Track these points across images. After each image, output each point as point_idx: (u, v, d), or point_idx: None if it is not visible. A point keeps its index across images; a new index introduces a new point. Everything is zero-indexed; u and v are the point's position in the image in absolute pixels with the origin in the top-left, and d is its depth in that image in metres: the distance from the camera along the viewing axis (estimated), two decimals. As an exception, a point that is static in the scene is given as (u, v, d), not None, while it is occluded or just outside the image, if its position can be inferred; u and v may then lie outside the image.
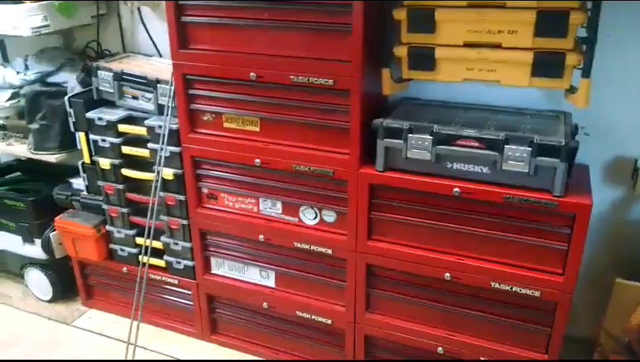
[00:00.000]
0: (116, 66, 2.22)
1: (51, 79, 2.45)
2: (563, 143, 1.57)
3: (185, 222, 2.22)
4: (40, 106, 2.37)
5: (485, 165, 1.69)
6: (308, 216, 2.01)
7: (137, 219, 2.35)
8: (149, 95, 2.15)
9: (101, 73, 2.21)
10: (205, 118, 2.04)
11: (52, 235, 2.53)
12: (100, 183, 2.32)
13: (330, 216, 1.98)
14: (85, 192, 2.45)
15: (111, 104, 2.26)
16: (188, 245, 2.26)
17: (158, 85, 2.10)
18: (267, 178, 2.02)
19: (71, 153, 2.44)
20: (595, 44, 1.55)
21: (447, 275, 1.83)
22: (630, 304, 1.84)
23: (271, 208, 2.07)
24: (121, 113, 2.21)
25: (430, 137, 1.70)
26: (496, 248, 1.77)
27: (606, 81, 1.80)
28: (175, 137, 2.09)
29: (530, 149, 1.60)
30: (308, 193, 1.97)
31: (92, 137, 2.26)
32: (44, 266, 2.65)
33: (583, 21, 1.54)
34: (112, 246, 2.45)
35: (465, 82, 1.73)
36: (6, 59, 2.79)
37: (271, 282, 2.19)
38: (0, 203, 2.58)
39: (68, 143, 2.40)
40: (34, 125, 2.40)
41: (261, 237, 2.09)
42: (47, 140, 2.42)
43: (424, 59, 1.73)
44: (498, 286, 1.77)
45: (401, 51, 1.75)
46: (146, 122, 2.14)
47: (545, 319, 1.78)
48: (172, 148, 2.10)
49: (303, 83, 1.80)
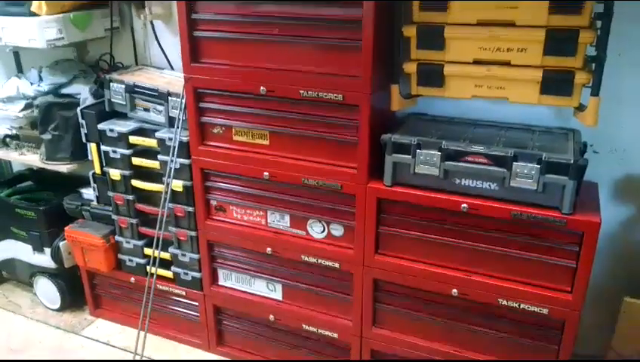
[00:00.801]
0: (128, 79, 2.25)
1: (64, 90, 2.48)
2: (572, 161, 1.57)
3: (193, 234, 2.23)
4: (53, 117, 2.40)
5: (493, 181, 1.69)
6: (316, 230, 2.02)
7: (146, 230, 2.36)
8: (160, 107, 2.17)
9: (113, 85, 2.24)
10: (215, 131, 2.06)
11: (62, 245, 2.56)
12: (110, 194, 2.35)
13: (337, 230, 1.98)
14: (95, 202, 2.48)
15: (122, 116, 2.29)
16: (196, 256, 2.27)
17: (170, 98, 2.13)
18: (275, 191, 2.03)
19: (82, 163, 2.47)
20: (604, 63, 1.56)
21: (454, 291, 1.82)
22: (639, 323, 1.82)
23: (279, 221, 2.08)
24: (132, 125, 2.24)
25: (438, 153, 1.71)
26: (504, 265, 1.77)
27: (616, 100, 1.80)
28: (185, 149, 2.11)
29: (538, 166, 1.60)
30: (316, 207, 1.98)
31: (103, 148, 2.28)
32: (53, 275, 2.67)
33: (593, 40, 1.55)
34: (121, 256, 2.46)
35: (473, 99, 1.74)
36: (21, 70, 2.83)
37: (278, 295, 2.19)
38: (11, 212, 2.61)
39: (79, 154, 2.43)
40: (46, 135, 2.43)
41: (269, 249, 2.09)
42: (58, 150, 2.45)
43: (433, 75, 1.74)
44: (506, 302, 1.77)
45: (410, 67, 1.77)
46: (157, 134, 2.16)
47: (553, 337, 1.77)
48: (182, 160, 2.12)
49: (313, 97, 1.81)
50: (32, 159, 2.57)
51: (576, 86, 1.60)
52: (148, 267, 2.33)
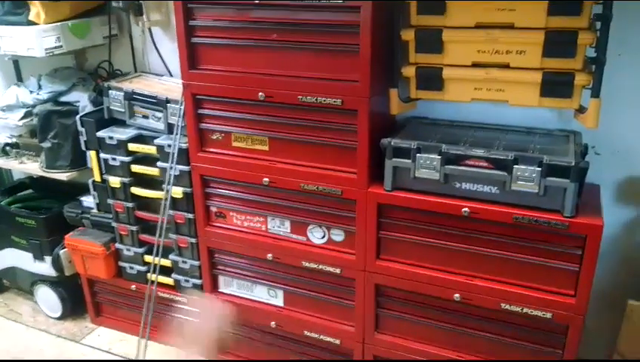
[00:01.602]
0: (127, 86, 2.25)
1: (63, 98, 2.48)
2: (573, 163, 1.56)
3: (193, 241, 2.22)
4: (52, 125, 2.40)
5: (494, 185, 1.68)
6: (316, 235, 2.01)
7: (146, 237, 2.35)
8: (159, 114, 2.17)
9: (112, 93, 2.24)
10: (214, 137, 2.05)
11: (62, 253, 2.55)
12: (110, 201, 2.34)
13: (338, 236, 1.97)
14: (95, 210, 2.47)
15: (121, 123, 2.29)
16: (196, 263, 2.26)
17: (168, 105, 2.12)
18: (276, 197, 2.02)
19: (82, 171, 2.47)
20: (605, 64, 1.54)
21: (456, 296, 1.81)
22: (644, 326, 1.81)
23: (279, 227, 2.06)
24: (131, 132, 2.24)
25: (439, 157, 1.70)
26: (506, 269, 1.75)
27: (617, 100, 1.78)
28: (184, 156, 2.10)
29: (539, 169, 1.59)
30: (316, 212, 1.97)
31: (103, 156, 2.28)
32: (53, 283, 2.66)
33: (592, 41, 1.54)
34: (121, 263, 2.45)
35: (473, 102, 1.73)
36: (20, 78, 2.83)
37: (279, 301, 2.18)
38: (12, 220, 2.61)
39: (79, 162, 2.43)
40: (46, 143, 2.43)
41: (269, 255, 2.08)
42: (58, 158, 2.44)
43: (432, 79, 1.74)
44: (509, 307, 1.75)
45: (409, 71, 1.76)
46: (156, 141, 2.15)
47: (557, 341, 1.75)
48: (181, 166, 2.11)
49: (312, 103, 1.80)
50: (32, 167, 2.57)
51: (576, 88, 1.59)
52: (148, 274, 2.33)
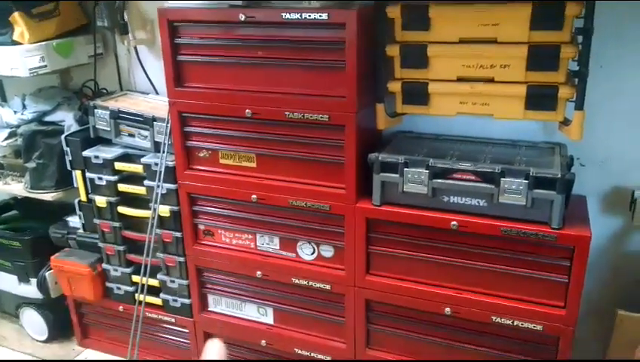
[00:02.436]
0: (113, 105, 2.24)
1: (48, 118, 2.46)
2: (559, 175, 1.57)
3: (181, 259, 2.20)
4: (37, 145, 2.38)
5: (482, 198, 1.68)
6: (305, 252, 2.00)
7: (134, 257, 2.33)
8: (146, 133, 2.16)
9: (98, 111, 2.23)
10: (201, 155, 2.04)
11: (48, 274, 2.51)
12: (96, 221, 2.31)
13: (327, 251, 1.96)
14: (81, 230, 2.44)
15: (107, 142, 2.27)
16: (185, 282, 2.24)
17: (155, 123, 2.11)
18: (264, 213, 2.01)
19: (67, 191, 2.44)
20: (587, 77, 1.56)
21: (447, 310, 1.80)
22: (633, 336, 1.81)
23: (268, 244, 2.05)
24: (117, 151, 2.22)
25: (426, 171, 1.70)
26: (496, 281, 1.75)
27: (600, 112, 1.80)
28: (171, 174, 2.09)
29: (526, 182, 1.60)
30: (305, 228, 1.96)
31: (88, 175, 2.26)
32: (39, 306, 2.62)
33: (575, 55, 1.56)
34: (108, 284, 2.42)
35: (458, 116, 1.74)
36: (4, 98, 2.81)
37: (269, 319, 2.16)
38: (-4, 242, 2.57)
39: (64, 182, 2.40)
40: (31, 164, 2.40)
41: (258, 273, 2.07)
42: (43, 179, 2.42)
43: (418, 94, 1.75)
44: (499, 320, 1.75)
45: (394, 86, 1.77)
46: (143, 160, 2.14)
47: (548, 353, 1.75)
48: (168, 185, 2.10)
49: (298, 119, 1.81)
50: (17, 188, 2.53)
51: (560, 100, 1.61)
52: (136, 294, 2.29)
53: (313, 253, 1.99)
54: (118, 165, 2.20)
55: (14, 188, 2.55)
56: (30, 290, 2.57)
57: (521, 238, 1.65)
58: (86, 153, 2.23)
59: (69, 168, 2.31)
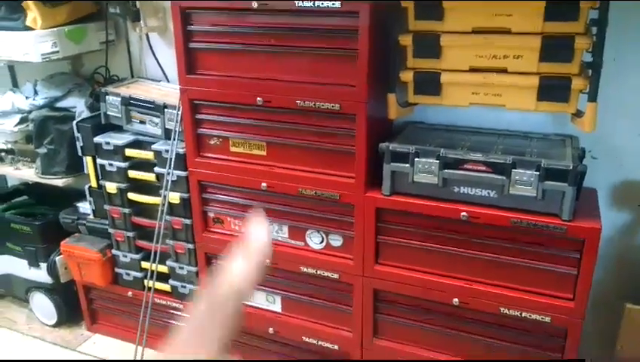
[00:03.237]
0: (124, 91, 2.24)
1: (60, 104, 2.47)
2: (571, 167, 1.56)
3: (191, 246, 2.21)
4: (48, 131, 2.39)
5: (492, 189, 1.68)
6: (314, 240, 2.01)
7: (143, 243, 2.34)
8: (157, 120, 2.17)
9: (109, 98, 2.24)
10: (212, 143, 2.05)
11: (58, 259, 2.53)
12: (107, 207, 2.33)
13: (336, 241, 1.97)
14: (91, 216, 2.46)
15: (118, 129, 2.28)
16: (194, 269, 2.25)
17: (166, 110, 2.12)
18: (273, 202, 2.01)
19: (78, 177, 2.45)
20: (601, 69, 1.56)
21: (455, 300, 1.81)
22: (642, 330, 1.81)
23: (277, 232, 2.06)
24: (128, 137, 2.23)
25: (437, 161, 1.70)
26: (505, 273, 1.75)
27: (612, 105, 1.79)
28: (182, 161, 2.10)
29: (537, 173, 1.59)
30: (314, 217, 1.97)
31: (99, 161, 2.27)
32: (49, 290, 2.64)
33: (589, 46, 1.55)
34: (118, 270, 2.44)
35: (471, 106, 1.74)
36: (16, 84, 2.82)
37: (277, 307, 2.17)
38: (6, 227, 2.59)
39: (75, 167, 2.42)
40: (42, 149, 2.42)
41: (267, 261, 2.07)
42: (54, 164, 2.43)
43: (430, 84, 1.74)
44: (507, 311, 1.75)
45: (406, 76, 1.76)
46: (153, 147, 2.15)
47: (556, 345, 1.75)
48: (179, 172, 2.11)
49: (310, 107, 1.81)
50: (28, 174, 2.55)
51: (573, 92, 1.60)
52: (145, 281, 2.31)
53: (322, 242, 1.99)
54: (129, 152, 2.21)
55: (25, 173, 2.57)
56: (40, 275, 2.59)
57: (531, 230, 1.64)
58: (97, 139, 2.24)
59: (80, 154, 2.33)
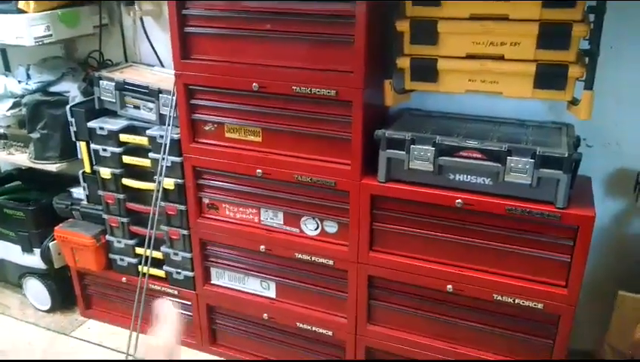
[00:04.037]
0: (118, 76, 2.22)
1: (53, 88, 2.44)
2: (566, 155, 1.57)
3: (185, 232, 2.21)
4: (41, 115, 2.37)
5: (488, 176, 1.68)
6: (309, 227, 2.01)
7: (137, 229, 2.33)
8: (151, 105, 2.15)
9: (103, 83, 2.21)
10: (207, 128, 2.04)
11: (51, 245, 2.52)
12: (101, 193, 2.32)
13: (331, 227, 1.97)
14: (85, 202, 2.45)
15: (112, 114, 2.26)
16: (188, 255, 2.25)
17: (160, 95, 2.10)
18: (268, 188, 2.01)
19: (71, 162, 2.44)
20: (598, 57, 1.56)
21: (449, 287, 1.82)
22: (633, 317, 1.83)
23: (272, 218, 2.06)
24: (122, 123, 2.21)
25: (432, 148, 1.70)
26: (498, 260, 1.76)
27: (609, 93, 1.80)
28: (176, 147, 2.08)
29: (532, 161, 1.60)
30: (309, 203, 1.97)
31: (93, 147, 2.25)
32: (42, 276, 2.63)
33: (586, 33, 1.55)
34: (112, 256, 2.43)
35: (467, 93, 1.73)
36: (8, 68, 2.79)
37: (271, 293, 2.18)
38: (0, 212, 2.57)
39: (68, 153, 2.40)
40: (35, 134, 2.40)
41: (262, 247, 2.08)
42: (47, 149, 2.41)
43: (426, 70, 1.74)
44: (501, 298, 1.76)
45: (403, 62, 1.76)
46: (148, 132, 2.13)
47: (548, 331, 1.76)
48: (173, 158, 2.10)
49: (306, 93, 1.80)
50: (21, 159, 2.53)
51: (569, 80, 1.60)
52: (139, 266, 2.31)
53: (317, 229, 2.00)
54: (123, 137, 2.19)
55: (18, 158, 2.55)
56: (34, 260, 2.58)
57: (525, 217, 1.65)
58: (91, 124, 2.22)
59: (74, 139, 2.31)
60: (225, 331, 2.36)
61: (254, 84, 1.86)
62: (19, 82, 2.48)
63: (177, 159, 2.10)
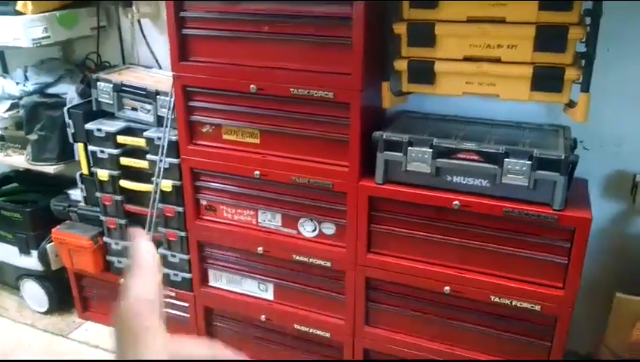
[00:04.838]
0: (116, 78, 2.22)
1: (50, 90, 2.45)
2: (563, 157, 1.57)
3: (183, 234, 2.21)
4: (39, 117, 2.37)
5: (485, 178, 1.69)
6: (307, 229, 2.01)
7: (135, 231, 2.33)
8: (149, 106, 2.15)
9: (101, 84, 2.22)
10: (205, 130, 2.04)
11: (49, 247, 2.52)
12: (98, 195, 2.32)
13: (329, 229, 1.97)
14: (83, 203, 2.44)
15: (110, 115, 2.26)
16: (186, 257, 2.25)
17: (158, 97, 2.11)
18: (266, 190, 2.01)
19: (69, 164, 2.44)
20: (594, 59, 1.56)
21: (446, 289, 1.82)
22: (631, 319, 1.83)
23: (270, 220, 2.06)
24: (120, 124, 2.21)
25: (430, 150, 1.70)
26: (496, 261, 1.76)
27: (605, 95, 1.80)
28: (174, 149, 2.08)
29: (529, 163, 1.60)
30: (307, 205, 1.97)
31: (91, 148, 2.25)
32: (40, 278, 2.63)
33: (582, 36, 1.55)
34: (109, 258, 2.43)
35: (464, 96, 1.74)
36: (5, 70, 2.79)
37: (269, 295, 2.18)
38: (-3, 213, 2.57)
39: (66, 154, 2.40)
40: (32, 136, 2.40)
41: (260, 249, 2.08)
42: (45, 151, 2.41)
43: (424, 72, 1.74)
44: (498, 299, 1.77)
45: (401, 65, 1.76)
46: (145, 134, 2.13)
47: (545, 333, 1.77)
48: (171, 159, 2.10)
49: (303, 95, 1.80)
50: (18, 160, 2.53)
51: (566, 82, 1.60)
52: (137, 268, 2.30)
53: (315, 230, 2.00)
54: (121, 138, 2.19)
55: (15, 160, 2.55)
56: (31, 262, 2.58)
57: (522, 219, 1.65)
58: (88, 126, 2.22)
59: (71, 141, 2.31)
60: (222, 333, 2.35)
61: (252, 86, 1.86)
62: (16, 84, 2.49)
63: (175, 161, 2.10)
